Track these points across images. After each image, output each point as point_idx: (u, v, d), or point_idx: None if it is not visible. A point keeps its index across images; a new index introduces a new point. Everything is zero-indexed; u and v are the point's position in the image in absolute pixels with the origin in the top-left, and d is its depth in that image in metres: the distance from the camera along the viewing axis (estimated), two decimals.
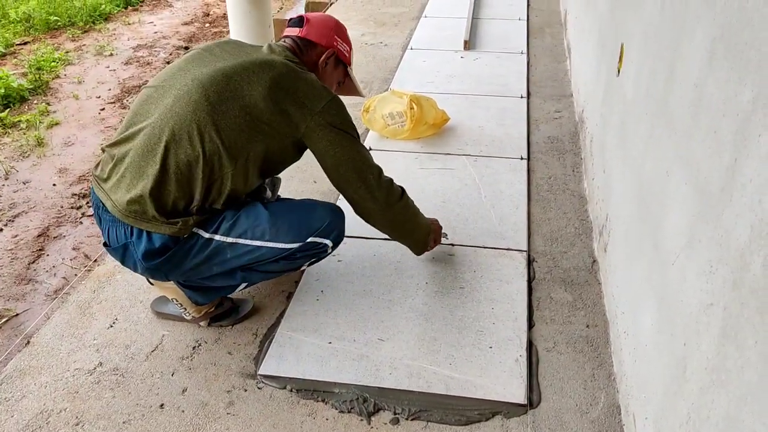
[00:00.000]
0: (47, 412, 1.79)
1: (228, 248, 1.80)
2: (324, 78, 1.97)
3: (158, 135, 1.70)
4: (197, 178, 1.71)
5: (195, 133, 1.68)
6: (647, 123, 1.74)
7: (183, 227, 1.72)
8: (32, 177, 3.25)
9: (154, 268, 1.77)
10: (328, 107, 1.79)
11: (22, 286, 2.53)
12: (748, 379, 0.97)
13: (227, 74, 1.73)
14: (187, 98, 1.70)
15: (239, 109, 1.70)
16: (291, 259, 1.90)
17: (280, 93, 1.73)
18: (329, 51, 1.95)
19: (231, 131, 1.70)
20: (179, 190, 1.71)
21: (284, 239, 1.83)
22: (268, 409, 1.79)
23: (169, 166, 1.69)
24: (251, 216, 1.81)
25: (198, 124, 1.68)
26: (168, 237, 1.72)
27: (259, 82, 1.72)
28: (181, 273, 1.83)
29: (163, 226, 1.71)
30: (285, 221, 1.84)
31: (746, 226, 1.02)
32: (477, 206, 2.63)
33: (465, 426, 1.73)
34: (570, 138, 3.16)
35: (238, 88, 1.72)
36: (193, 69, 1.77)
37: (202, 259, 1.79)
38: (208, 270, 1.85)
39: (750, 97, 1.05)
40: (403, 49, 4.32)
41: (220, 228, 1.79)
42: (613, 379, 1.86)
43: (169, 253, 1.74)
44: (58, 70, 4.51)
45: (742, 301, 1.01)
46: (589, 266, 2.30)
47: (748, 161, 1.03)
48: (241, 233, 1.80)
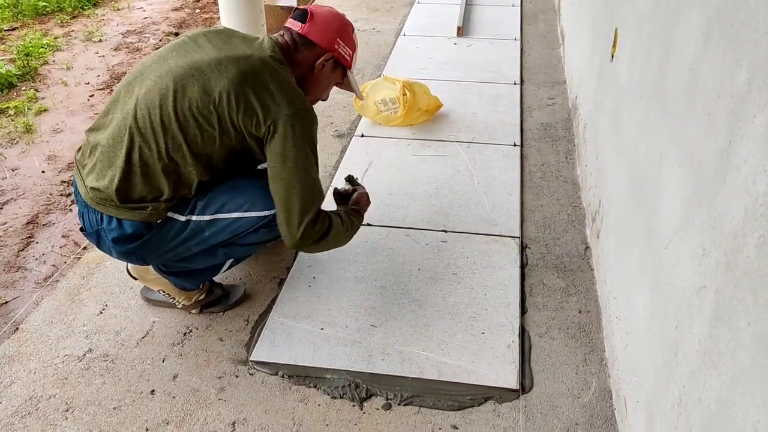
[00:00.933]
0: (36, 398, 1.77)
1: (206, 226, 1.78)
2: (319, 80, 1.87)
3: (126, 126, 1.67)
4: (161, 174, 1.68)
5: (159, 128, 1.65)
6: (641, 107, 1.73)
7: (153, 212, 1.71)
8: (21, 164, 3.21)
9: (129, 252, 1.76)
10: (294, 116, 1.67)
11: (11, 273, 2.51)
12: (741, 360, 0.97)
13: (200, 68, 1.67)
14: (156, 90, 1.67)
15: (204, 106, 1.64)
16: (270, 226, 1.84)
17: (246, 90, 1.65)
18: (328, 54, 1.83)
19: (194, 128, 1.65)
20: (145, 184, 1.69)
21: (260, 207, 1.79)
22: (260, 395, 1.78)
23: (134, 160, 1.67)
24: (224, 190, 1.79)
25: (162, 119, 1.65)
26: (139, 223, 1.71)
27: (225, 77, 1.65)
28: (158, 256, 1.82)
29: (132, 212, 1.70)
30: (257, 190, 1.80)
31: (740, 208, 1.01)
32: (470, 193, 2.62)
33: (457, 411, 1.73)
34: (563, 125, 3.15)
35: (206, 83, 1.65)
36: (172, 59, 1.72)
37: (181, 240, 1.78)
38: (187, 251, 1.83)
39: (745, 77, 1.04)
40: (395, 35, 4.30)
41: (195, 209, 1.77)
42: (604, 364, 1.86)
43: (143, 238, 1.73)
44: (46, 57, 4.45)
45: (736, 283, 1.01)
46: (581, 252, 2.30)
47: (743, 142, 1.02)
48: (217, 209, 1.77)
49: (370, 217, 2.45)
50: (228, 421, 1.71)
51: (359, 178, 2.33)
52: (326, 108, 3.34)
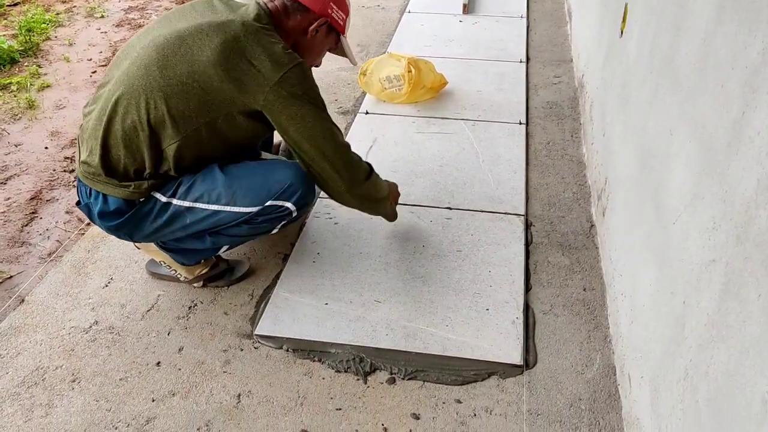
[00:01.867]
0: (43, 369, 1.78)
1: (186, 212, 1.77)
2: (312, 45, 1.85)
3: (110, 98, 1.67)
4: (143, 146, 1.67)
5: (142, 99, 1.64)
6: (651, 83, 1.71)
7: (136, 191, 1.71)
8: (24, 140, 3.20)
9: (114, 228, 1.78)
10: (289, 76, 1.64)
11: (15, 248, 2.51)
12: (751, 332, 0.96)
13: (181, 36, 1.65)
14: (140, 62, 1.65)
15: (187, 76, 1.62)
16: (253, 223, 1.84)
17: (233, 59, 1.61)
18: (322, 19, 1.80)
19: (178, 99, 1.63)
20: (128, 156, 1.68)
21: (241, 203, 1.77)
22: (265, 368, 1.79)
23: (116, 131, 1.66)
24: (207, 180, 1.76)
25: (146, 90, 1.63)
26: (122, 200, 1.71)
27: (209, 46, 1.62)
28: (144, 235, 1.82)
29: (115, 188, 1.70)
30: (242, 185, 1.77)
31: (752, 180, 1.00)
32: (475, 170, 2.61)
33: (461, 386, 1.74)
34: (569, 103, 3.12)
35: (188, 52, 1.63)
36: (156, 30, 1.71)
37: (162, 223, 1.77)
38: (172, 234, 1.83)
39: (760, 48, 1.02)
40: (400, 12, 4.25)
41: (177, 192, 1.75)
42: (608, 340, 1.86)
43: (126, 215, 1.73)
44: (48, 32, 4.42)
45: (746, 256, 1.00)
46: (587, 230, 2.29)
47: (757, 113, 1.01)
48: (197, 197, 1.76)
49: None
50: (233, 393, 1.72)
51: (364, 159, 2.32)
52: (330, 85, 3.32)
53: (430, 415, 1.67)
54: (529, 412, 1.67)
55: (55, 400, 1.70)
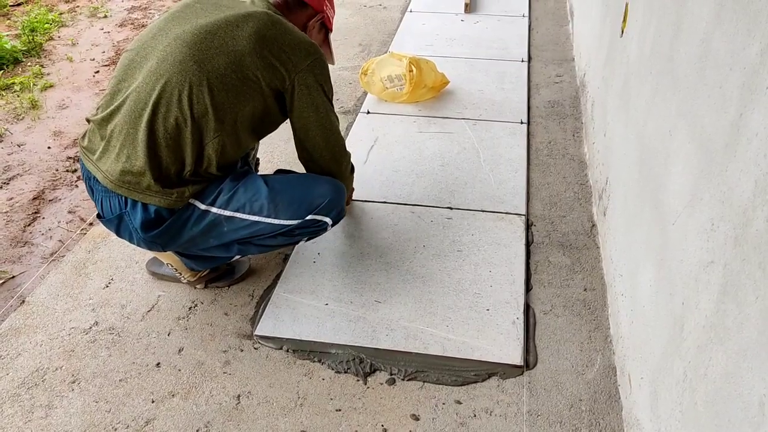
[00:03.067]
0: (43, 369, 1.79)
1: (225, 222, 1.76)
2: None
3: (144, 100, 1.64)
4: (187, 142, 1.65)
5: (185, 94, 1.63)
6: (651, 83, 1.71)
7: (178, 198, 1.68)
8: (27, 140, 3.21)
9: (151, 239, 1.73)
10: (314, 65, 1.75)
11: (18, 248, 2.52)
12: (748, 335, 0.96)
13: (210, 30, 1.67)
14: (171, 59, 1.64)
15: (226, 66, 1.65)
16: (289, 235, 1.85)
17: (266, 46, 1.69)
18: (319, 15, 1.90)
19: (220, 90, 1.65)
20: (170, 155, 1.66)
21: (283, 216, 1.78)
22: (265, 369, 1.79)
23: (158, 131, 1.64)
24: (250, 190, 1.76)
25: (187, 84, 1.62)
26: (164, 209, 1.69)
27: (243, 36, 1.67)
28: (178, 245, 1.79)
29: (156, 196, 1.66)
30: (285, 197, 1.78)
31: (750, 181, 1.00)
32: (476, 170, 2.60)
33: (461, 386, 1.74)
34: (571, 102, 3.12)
35: (223, 44, 1.66)
36: (174, 28, 1.70)
37: (199, 231, 1.75)
38: (205, 242, 1.81)
39: (758, 49, 1.02)
40: (402, 11, 4.25)
41: (217, 200, 1.74)
42: (609, 341, 1.86)
43: (165, 224, 1.70)
44: (51, 32, 4.43)
45: (744, 258, 1.00)
46: (587, 230, 2.29)
47: (755, 115, 1.00)
48: (238, 207, 1.75)
49: (375, 194, 2.45)
50: (233, 394, 1.72)
51: (365, 159, 2.35)
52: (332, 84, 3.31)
53: (430, 416, 1.66)
54: (529, 413, 1.67)
55: (55, 401, 1.70)
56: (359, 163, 2.64)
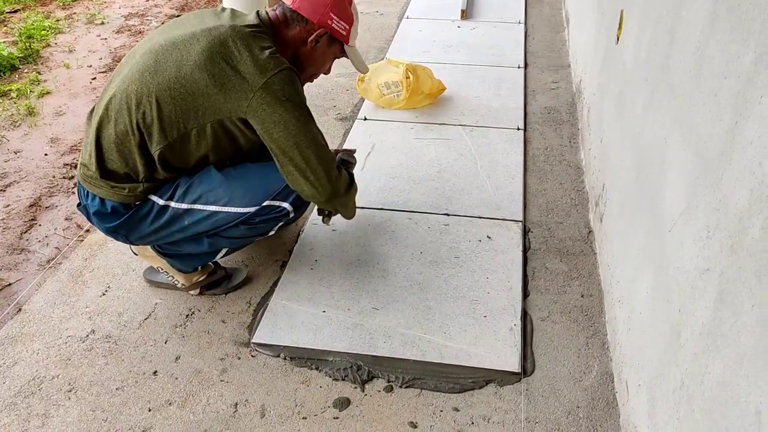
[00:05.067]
0: (40, 378, 1.78)
1: (185, 215, 1.79)
2: (313, 56, 1.84)
3: (106, 104, 1.71)
4: (134, 150, 1.69)
5: (133, 104, 1.66)
6: (646, 90, 1.71)
7: (131, 194, 1.74)
8: (23, 146, 3.21)
9: (111, 230, 1.81)
10: (272, 81, 1.63)
11: (14, 255, 2.51)
12: (744, 343, 0.96)
13: (174, 42, 1.67)
14: (136, 68, 1.69)
15: (175, 80, 1.63)
16: (250, 224, 1.84)
17: (217, 63, 1.62)
18: (321, 30, 1.78)
19: (167, 104, 1.64)
20: (121, 160, 1.72)
21: (239, 203, 1.78)
22: (262, 377, 1.79)
23: (109, 135, 1.70)
24: (205, 181, 1.78)
25: (138, 95, 1.66)
26: (119, 203, 1.75)
27: (196, 50, 1.64)
28: (141, 237, 1.84)
29: (110, 191, 1.74)
30: (240, 185, 1.79)
31: (745, 190, 1.00)
32: (473, 176, 2.61)
33: (459, 393, 1.74)
34: (567, 109, 3.13)
35: (178, 57, 1.65)
36: (156, 37, 1.74)
37: (160, 225, 1.79)
38: (170, 236, 1.84)
39: (752, 58, 1.02)
40: (399, 18, 4.26)
41: (174, 194, 1.78)
42: (606, 347, 1.86)
43: (123, 218, 1.77)
44: (48, 39, 4.43)
45: (740, 266, 1.00)
46: (584, 236, 2.29)
47: (749, 123, 1.01)
48: (195, 199, 1.77)
49: (372, 201, 2.45)
50: (230, 402, 1.72)
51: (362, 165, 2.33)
52: (329, 91, 3.32)
53: (428, 424, 1.66)
54: (527, 420, 1.66)
55: (52, 410, 1.70)
56: (356, 170, 2.64)
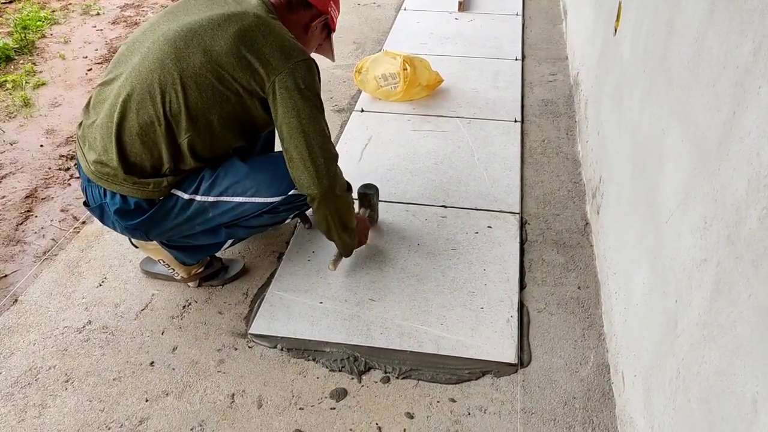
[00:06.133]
0: (36, 369, 1.78)
1: (210, 207, 1.77)
2: (309, 40, 1.89)
3: (121, 95, 1.66)
4: (161, 140, 1.66)
5: (158, 93, 1.63)
6: (644, 81, 1.71)
7: (155, 189, 1.70)
8: (19, 138, 3.19)
9: (132, 228, 1.75)
10: (296, 68, 1.65)
11: (10, 247, 2.50)
12: (741, 332, 0.97)
13: (193, 29, 1.66)
14: (152, 56, 1.65)
15: (202, 65, 1.63)
16: (274, 212, 1.84)
17: (246, 47, 1.63)
18: (323, 16, 1.85)
19: (194, 89, 1.63)
20: (145, 152, 1.67)
21: (266, 193, 1.79)
22: (259, 368, 1.79)
23: (131, 128, 1.65)
24: (230, 173, 1.77)
25: (161, 83, 1.63)
26: (143, 200, 1.70)
27: (223, 36, 1.64)
28: (161, 233, 1.80)
29: (133, 188, 1.68)
30: (266, 175, 1.79)
31: (743, 180, 1.00)
32: (470, 168, 2.60)
33: (455, 384, 1.74)
34: (564, 101, 3.12)
35: (202, 42, 1.64)
36: (163, 25, 1.71)
37: (184, 219, 1.77)
38: (191, 229, 1.82)
39: (751, 48, 1.02)
40: (396, 9, 4.25)
41: (200, 188, 1.75)
42: (602, 338, 1.86)
43: (147, 214, 1.72)
44: (44, 30, 4.40)
45: (737, 256, 1.00)
46: (581, 228, 2.29)
47: (748, 114, 1.01)
48: (222, 191, 1.76)
49: None
50: (227, 392, 1.72)
51: (359, 157, 2.33)
52: (326, 83, 3.31)
53: (425, 414, 1.67)
54: (524, 411, 1.67)
55: (49, 401, 1.70)
56: (353, 161, 2.64)
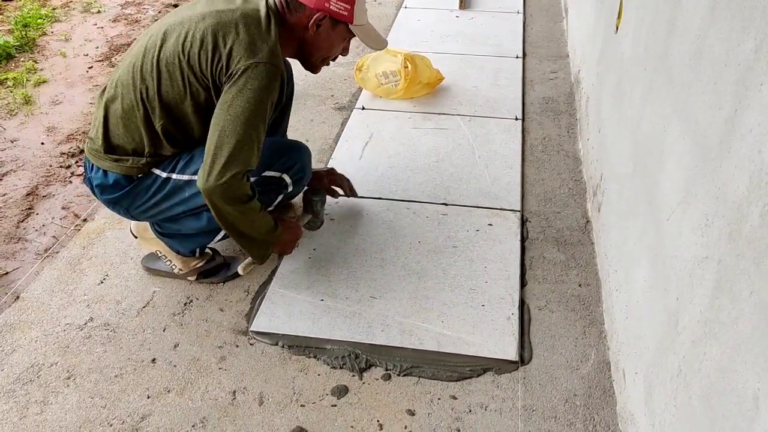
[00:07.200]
0: (38, 366, 1.78)
1: (186, 186, 1.81)
2: (317, 41, 1.82)
3: (115, 80, 1.78)
4: (141, 125, 1.75)
5: (138, 79, 1.72)
6: (645, 79, 1.71)
7: (133, 166, 1.78)
8: (20, 135, 3.19)
9: (112, 202, 1.85)
10: (253, 67, 1.64)
11: (11, 244, 2.51)
12: (742, 329, 0.97)
13: (183, 21, 1.73)
14: (145, 45, 1.74)
15: (175, 56, 1.69)
16: None
17: (216, 41, 1.67)
18: (319, 14, 1.75)
19: (167, 78, 1.70)
20: (128, 135, 1.77)
21: None
22: (260, 365, 1.79)
23: (117, 110, 1.76)
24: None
25: (143, 70, 1.72)
26: (121, 175, 1.79)
27: (200, 28, 1.69)
28: (142, 211, 1.86)
29: (113, 164, 1.79)
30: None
31: (745, 177, 1.00)
32: (471, 166, 2.61)
33: (456, 382, 1.74)
34: (565, 99, 3.12)
35: (181, 33, 1.70)
36: (167, 19, 1.79)
37: (162, 197, 1.83)
38: (171, 210, 1.86)
39: (753, 46, 1.02)
40: (397, 7, 4.25)
41: (176, 167, 1.81)
42: (603, 336, 1.87)
43: (125, 190, 1.81)
44: (44, 27, 4.40)
45: (738, 253, 1.01)
46: (582, 226, 2.30)
47: (749, 111, 1.01)
48: (196, 170, 1.76)
49: (370, 190, 2.45)
50: (228, 389, 1.72)
51: (360, 155, 2.33)
52: (327, 80, 3.31)
53: (426, 411, 1.67)
54: (524, 408, 1.67)
55: (50, 397, 1.70)
56: (354, 159, 2.64)
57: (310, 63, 1.91)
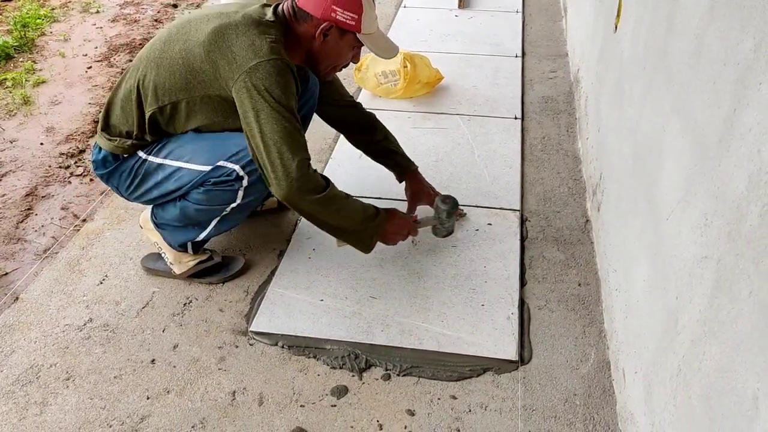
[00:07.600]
0: (37, 366, 1.78)
1: (158, 169, 1.87)
2: (325, 50, 1.82)
3: (127, 71, 1.90)
4: (134, 108, 1.83)
5: (141, 67, 1.82)
6: (644, 78, 1.71)
7: (119, 146, 1.87)
8: (19, 136, 3.19)
9: (103, 177, 1.96)
10: (256, 68, 1.66)
11: (10, 245, 2.50)
12: (742, 329, 0.97)
13: (190, 21, 1.80)
14: (156, 42, 1.84)
15: (177, 52, 1.76)
16: (207, 185, 1.82)
17: (217, 43, 1.71)
18: (326, 24, 1.75)
19: (164, 72, 1.77)
20: (122, 116, 1.87)
21: (198, 161, 1.83)
22: (260, 365, 1.79)
23: (118, 94, 1.88)
24: (180, 139, 1.88)
25: (146, 61, 1.81)
26: (109, 153, 1.89)
27: (204, 30, 1.74)
28: (130, 192, 1.95)
29: (105, 141, 1.89)
30: (204, 145, 1.85)
31: (744, 177, 1.00)
32: (470, 166, 2.60)
33: (456, 382, 1.74)
34: (565, 98, 3.12)
35: (186, 32, 1.77)
36: (182, 18, 1.87)
37: (141, 178, 1.90)
38: (150, 192, 1.92)
39: (752, 45, 1.02)
40: (396, 6, 4.25)
41: (153, 149, 1.89)
42: (603, 335, 1.87)
43: (111, 167, 1.91)
44: (43, 28, 4.40)
45: (738, 252, 1.00)
46: (582, 226, 2.29)
47: (748, 110, 1.01)
48: (167, 154, 1.87)
49: (369, 190, 2.44)
50: (228, 390, 1.72)
51: (359, 154, 2.32)
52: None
53: (425, 411, 1.67)
54: (524, 408, 1.67)
55: (50, 398, 1.70)
56: (354, 159, 2.64)
57: (319, 71, 1.93)
